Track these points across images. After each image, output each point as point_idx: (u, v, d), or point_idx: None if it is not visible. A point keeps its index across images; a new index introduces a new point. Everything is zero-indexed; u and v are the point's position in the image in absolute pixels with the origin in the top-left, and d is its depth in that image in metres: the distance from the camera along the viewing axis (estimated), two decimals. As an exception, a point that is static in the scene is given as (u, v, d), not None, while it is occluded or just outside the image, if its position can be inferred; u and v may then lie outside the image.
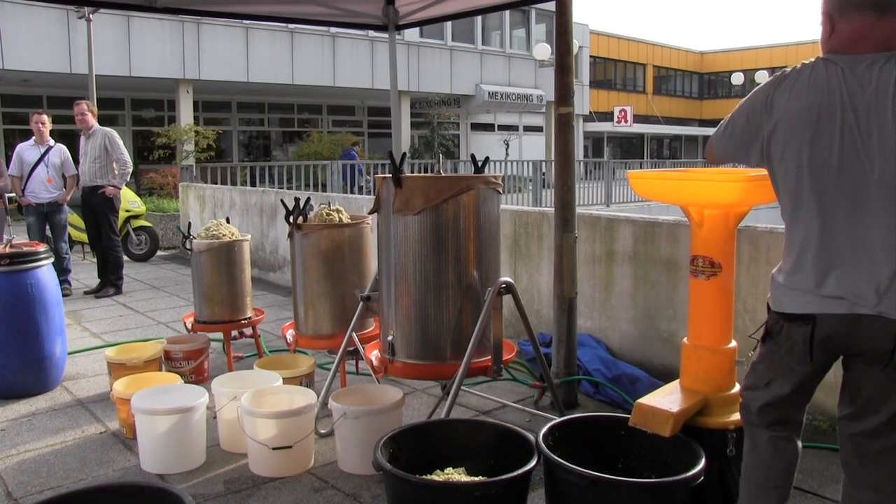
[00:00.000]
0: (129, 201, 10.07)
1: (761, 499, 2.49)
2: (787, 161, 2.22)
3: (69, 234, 8.44)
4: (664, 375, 4.44)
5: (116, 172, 7.78)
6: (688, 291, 3.15)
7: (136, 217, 10.38)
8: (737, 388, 3.02)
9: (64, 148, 8.05)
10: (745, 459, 2.55)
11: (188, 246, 5.14)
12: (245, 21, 19.19)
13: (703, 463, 2.73)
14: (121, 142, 7.87)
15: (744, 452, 2.57)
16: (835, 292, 2.16)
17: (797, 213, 2.24)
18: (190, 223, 7.96)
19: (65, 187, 8.00)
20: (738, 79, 41.22)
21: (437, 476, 2.97)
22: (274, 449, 3.45)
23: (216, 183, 11.86)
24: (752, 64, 43.97)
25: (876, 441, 2.26)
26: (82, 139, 7.82)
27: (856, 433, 2.31)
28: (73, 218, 9.23)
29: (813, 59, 2.22)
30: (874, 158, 2.09)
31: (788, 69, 2.27)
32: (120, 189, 7.91)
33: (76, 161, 7.97)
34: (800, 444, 2.50)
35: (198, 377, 4.84)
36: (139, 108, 23.31)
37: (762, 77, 40.26)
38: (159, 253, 11.04)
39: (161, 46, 19.05)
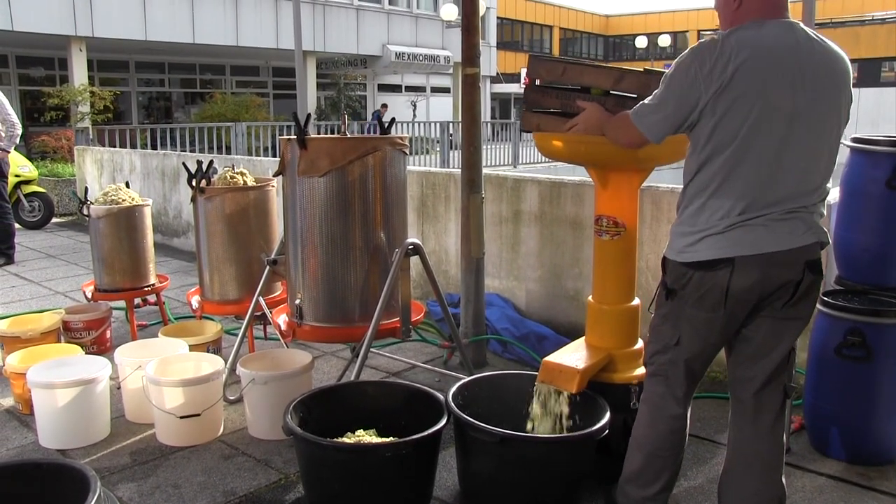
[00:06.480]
0: (19, 166, 9.54)
1: (654, 466, 2.55)
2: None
3: None
4: (570, 333, 4.54)
5: (3, 134, 7.31)
6: (592, 250, 3.21)
7: (28, 182, 9.86)
8: (640, 344, 3.11)
9: None
10: (643, 431, 2.57)
11: (85, 212, 4.95)
12: (140, -24, 18.45)
13: (608, 417, 2.82)
14: (6, 101, 7.41)
15: (637, 424, 2.59)
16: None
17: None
18: (87, 188, 7.61)
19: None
20: (641, 42, 42.11)
21: (348, 438, 2.98)
22: (182, 417, 3.39)
23: (115, 146, 11.39)
24: (655, 28, 44.94)
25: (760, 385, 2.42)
26: None
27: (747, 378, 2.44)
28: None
29: (725, 33, 2.21)
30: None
31: (696, 46, 2.25)
32: (8, 152, 7.48)
33: None
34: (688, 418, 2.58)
35: (100, 348, 4.68)
36: (26, 65, 22.03)
37: (665, 41, 41.30)
38: (55, 220, 10.55)
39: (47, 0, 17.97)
